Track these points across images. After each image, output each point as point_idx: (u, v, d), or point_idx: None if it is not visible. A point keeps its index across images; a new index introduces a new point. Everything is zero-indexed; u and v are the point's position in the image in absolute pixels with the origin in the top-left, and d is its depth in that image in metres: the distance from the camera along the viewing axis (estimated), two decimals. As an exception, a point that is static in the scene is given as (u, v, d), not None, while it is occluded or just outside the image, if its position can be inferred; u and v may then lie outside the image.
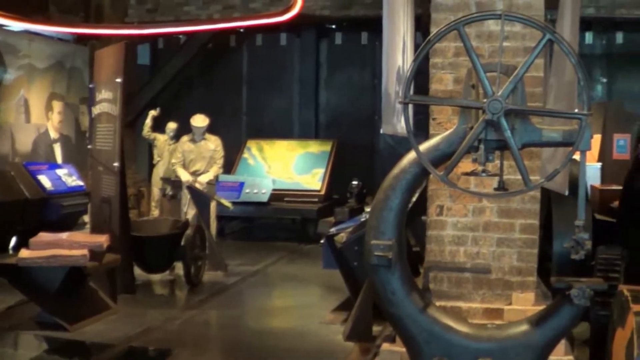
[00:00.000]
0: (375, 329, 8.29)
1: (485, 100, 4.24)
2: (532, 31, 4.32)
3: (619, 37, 19.83)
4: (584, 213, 4.38)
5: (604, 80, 19.99)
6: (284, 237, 16.49)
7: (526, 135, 4.39)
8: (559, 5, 6.97)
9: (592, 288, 4.61)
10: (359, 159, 17.69)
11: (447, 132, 4.58)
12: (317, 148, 17.65)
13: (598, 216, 9.67)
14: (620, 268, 7.97)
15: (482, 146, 4.33)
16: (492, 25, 6.59)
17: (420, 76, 6.83)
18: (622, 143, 17.35)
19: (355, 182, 15.98)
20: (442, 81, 6.76)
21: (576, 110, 4.33)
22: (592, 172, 14.74)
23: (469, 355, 4.81)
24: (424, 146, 4.56)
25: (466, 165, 4.94)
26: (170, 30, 17.39)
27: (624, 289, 5.21)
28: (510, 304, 6.69)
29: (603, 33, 19.83)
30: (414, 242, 9.30)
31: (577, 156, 4.50)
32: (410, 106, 7.13)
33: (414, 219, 8.60)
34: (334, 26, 19.36)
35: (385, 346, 6.69)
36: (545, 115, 5.34)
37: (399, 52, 7.32)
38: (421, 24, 10.09)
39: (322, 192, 16.62)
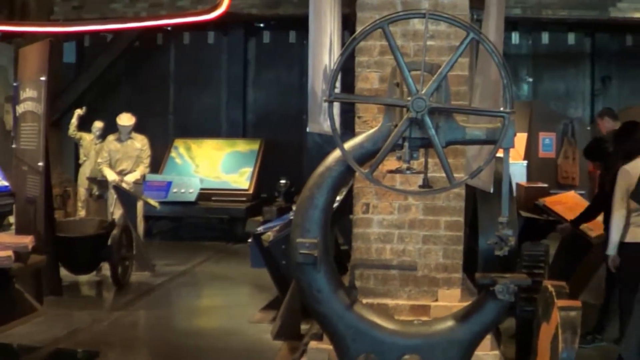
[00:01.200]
0: (304, 327, 8.30)
1: (409, 98, 4.25)
2: (458, 30, 4.36)
3: (545, 38, 20.11)
4: (507, 210, 4.42)
5: (530, 79, 20.26)
6: (212, 236, 16.43)
7: (450, 133, 4.41)
8: (485, 5, 7.02)
9: (516, 284, 4.65)
10: (287, 158, 17.69)
11: (372, 130, 4.59)
12: (245, 147, 17.64)
13: (523, 213, 9.81)
14: (545, 264, 8.10)
15: (406, 144, 4.34)
16: (418, 24, 6.62)
17: (349, 75, 6.89)
18: (547, 141, 17.64)
19: (283, 181, 15.98)
20: (368, 80, 6.78)
21: (502, 109, 4.34)
22: (518, 170, 14.98)
23: (396, 351, 4.83)
24: (348, 144, 4.56)
25: (392, 163, 4.96)
26: (96, 28, 17.19)
27: (549, 285, 5.28)
28: (436, 300, 6.73)
29: (529, 33, 20.10)
30: (342, 241, 9.34)
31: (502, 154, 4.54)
32: (337, 105, 7.18)
33: (341, 217, 8.64)
34: (262, 25, 19.36)
35: (313, 344, 6.68)
36: (469, 113, 5.39)
37: (325, 51, 7.31)
38: (349, 23, 10.11)
39: (250, 191, 16.62)
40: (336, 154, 4.60)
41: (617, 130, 8.54)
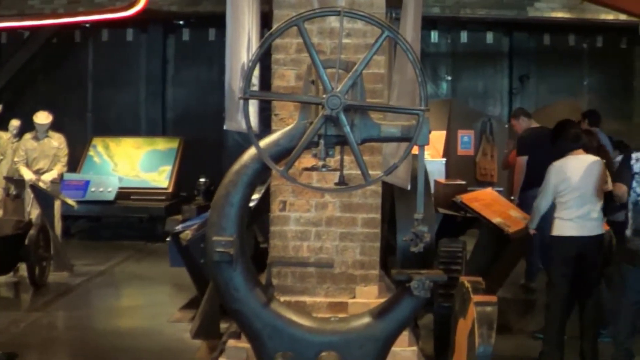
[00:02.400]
0: (223, 326, 8.26)
1: (324, 96, 4.25)
2: (374, 28, 4.36)
3: (464, 36, 20.33)
4: (422, 207, 4.44)
5: (449, 78, 20.46)
6: (132, 235, 16.25)
7: (365, 130, 4.42)
8: (403, 4, 7.07)
9: (431, 280, 4.68)
10: (206, 156, 17.59)
11: (288, 128, 4.57)
12: (164, 145, 17.49)
13: (441, 210, 9.91)
14: (462, 260, 8.18)
15: (322, 141, 4.33)
16: (334, 22, 6.64)
17: (269, 73, 6.88)
18: (466, 139, 17.81)
19: (202, 179, 15.89)
20: (284, 77, 6.77)
21: (421, 107, 4.36)
22: (437, 167, 15.07)
23: (313, 348, 4.82)
24: (264, 142, 4.54)
25: (308, 160, 4.96)
26: (13, 25, 16.94)
27: (465, 280, 5.32)
28: (354, 297, 6.76)
29: (448, 32, 20.30)
30: (262, 239, 9.32)
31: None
32: (256, 102, 7.16)
33: (261, 215, 8.62)
34: (181, 22, 19.23)
35: (231, 343, 6.66)
36: (384, 110, 5.41)
37: (243, 49, 7.29)
38: (268, 21, 10.11)
39: (170, 190, 16.51)
40: (251, 151, 4.58)
41: (553, 128, 8.74)
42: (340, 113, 4.24)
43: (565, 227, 7.99)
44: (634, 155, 7.64)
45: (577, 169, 7.99)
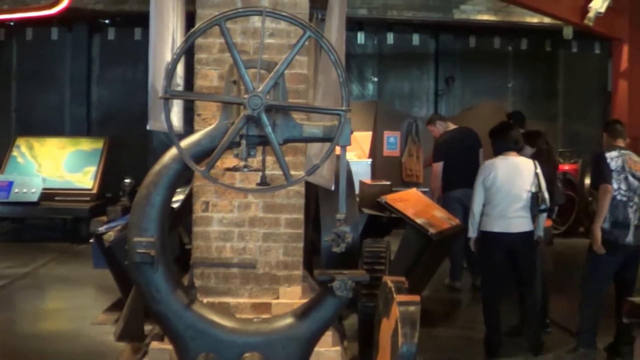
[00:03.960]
0: (147, 327, 8.19)
1: (246, 96, 4.24)
2: (298, 29, 4.36)
3: (390, 38, 20.44)
4: (344, 207, 4.45)
5: (375, 79, 20.55)
6: (56, 237, 16.02)
7: (287, 131, 4.41)
8: (328, 6, 7.10)
9: (354, 280, 4.69)
10: (132, 157, 17.46)
11: (209, 128, 4.55)
12: (89, 146, 17.26)
13: (366, 210, 9.94)
14: (386, 260, 8.23)
15: (243, 142, 4.32)
16: (258, 22, 6.62)
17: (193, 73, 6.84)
18: (392, 140, 17.94)
19: (128, 180, 15.71)
20: (207, 77, 6.74)
21: (343, 107, 4.36)
22: (363, 168, 15.17)
23: (236, 350, 4.81)
24: (185, 142, 4.51)
25: (231, 161, 4.94)
26: None
27: (388, 280, 5.34)
28: (277, 298, 6.75)
29: (375, 33, 20.39)
30: (187, 240, 9.26)
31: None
32: (181, 102, 7.13)
33: (186, 216, 8.56)
34: (107, 21, 19.06)
35: (154, 344, 6.61)
36: (306, 111, 5.42)
37: (167, 49, 7.23)
38: (193, 21, 10.05)
39: (94, 191, 16.31)
40: (173, 151, 4.55)
41: (492, 128, 9.13)
42: (262, 113, 4.23)
43: (493, 224, 8.44)
44: (608, 155, 8.16)
45: (505, 169, 8.44)
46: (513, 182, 8.40)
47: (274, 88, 4.33)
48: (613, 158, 8.13)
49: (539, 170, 8.50)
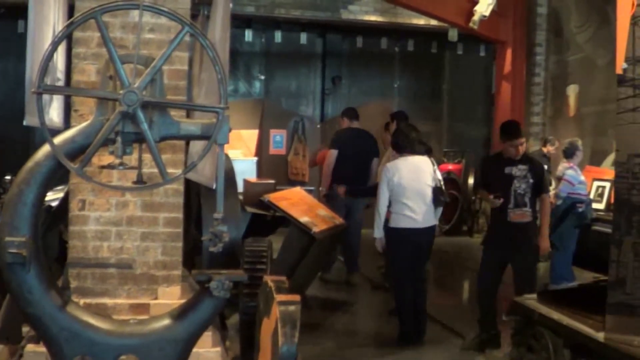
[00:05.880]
0: (25, 329, 7.97)
1: (121, 91, 4.13)
2: (179, 24, 4.27)
3: (278, 36, 20.44)
4: (222, 206, 4.38)
5: (263, 77, 20.54)
6: None
7: (164, 128, 4.32)
8: (213, 2, 7.04)
9: (231, 280, 4.63)
10: (13, 154, 17.00)
11: (84, 124, 4.41)
12: (-31, 142, 16.85)
13: (250, 209, 9.90)
14: (268, 259, 8.19)
15: (119, 139, 4.21)
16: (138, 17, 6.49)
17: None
18: (278, 138, 17.98)
19: (8, 177, 15.30)
20: (85, 72, 6.56)
21: (221, 105, 4.29)
22: (249, 167, 15.13)
23: (111, 352, 4.69)
24: (59, 138, 4.37)
25: (109, 158, 4.82)
26: None
27: (269, 280, 5.30)
28: (156, 298, 6.63)
29: (263, 31, 20.37)
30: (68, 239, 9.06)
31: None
32: (61, 98, 6.94)
33: (66, 214, 8.36)
34: (-12, 13, 18.60)
35: (30, 347, 6.43)
36: (183, 107, 5.33)
37: (47, 42, 7.05)
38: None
39: (-27, 188, 15.87)
40: (45, 148, 4.40)
41: (396, 130, 9.92)
42: (138, 109, 4.12)
43: (400, 220, 8.96)
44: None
45: (407, 168, 8.98)
46: (417, 179, 8.96)
47: (151, 84, 4.22)
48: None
49: (435, 167, 9.12)
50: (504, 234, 8.62)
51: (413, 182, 8.92)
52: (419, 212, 8.90)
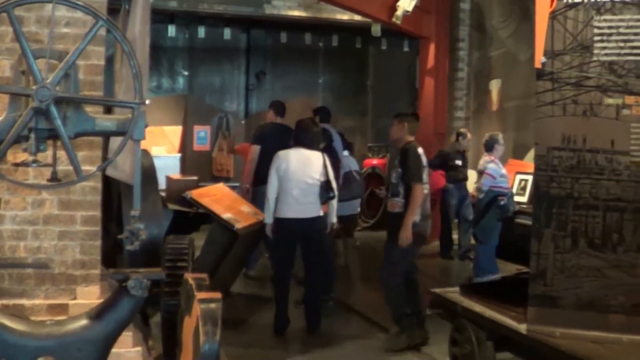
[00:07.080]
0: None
1: (34, 87, 4.03)
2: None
3: (202, 32, 20.30)
4: (139, 203, 4.31)
5: (186, 73, 20.40)
6: None
7: (79, 124, 4.22)
8: (133, -3, 6.96)
9: (149, 278, 4.57)
10: None
11: (-4, 121, 4.30)
12: None
13: (172, 206, 9.81)
14: (189, 257, 8.10)
15: (32, 135, 4.11)
16: (55, 11, 6.36)
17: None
18: (202, 134, 17.87)
19: None
20: (-1, 67, 6.43)
21: (136, 100, 4.20)
22: (172, 163, 15.02)
23: (29, 354, 4.59)
24: (-30, 136, 4.26)
25: (23, 155, 4.70)
26: None
27: (189, 278, 5.24)
28: (75, 298, 6.51)
29: (186, 27, 20.22)
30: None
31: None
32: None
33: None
34: None
35: (-56, 351, 6.26)
36: (98, 103, 5.24)
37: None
38: None
39: None
40: (-45, 146, 4.28)
41: (297, 124, 9.63)
42: (51, 105, 4.02)
43: (287, 210, 8.99)
44: (420, 151, 8.63)
45: (297, 159, 9.04)
46: (304, 171, 9.00)
47: (65, 79, 4.13)
48: (422, 154, 8.52)
49: (327, 162, 9.13)
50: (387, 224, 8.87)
51: (299, 173, 8.99)
52: (303, 202, 8.97)
